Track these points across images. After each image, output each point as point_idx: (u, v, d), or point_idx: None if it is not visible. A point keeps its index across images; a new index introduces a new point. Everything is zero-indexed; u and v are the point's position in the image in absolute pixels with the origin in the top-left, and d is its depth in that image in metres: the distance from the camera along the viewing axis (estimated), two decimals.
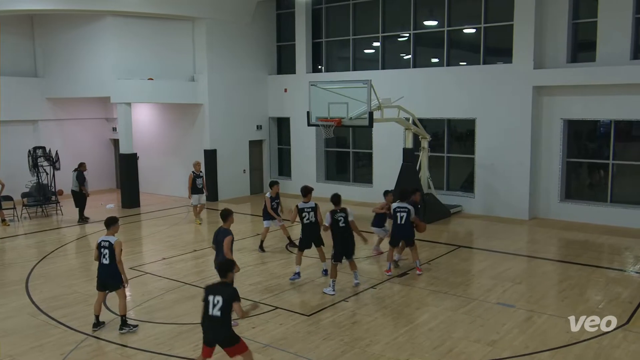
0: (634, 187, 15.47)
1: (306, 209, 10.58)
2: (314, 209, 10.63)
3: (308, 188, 10.87)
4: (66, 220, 16.86)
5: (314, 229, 10.66)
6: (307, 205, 10.62)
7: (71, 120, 21.09)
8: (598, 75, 14.71)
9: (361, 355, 7.60)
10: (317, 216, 10.63)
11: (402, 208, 11.03)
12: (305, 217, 10.58)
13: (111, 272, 8.40)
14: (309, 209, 10.59)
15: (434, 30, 18.10)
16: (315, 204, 10.64)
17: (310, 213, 10.58)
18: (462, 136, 18.14)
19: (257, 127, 21.27)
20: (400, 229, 11.05)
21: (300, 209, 10.60)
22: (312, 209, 10.62)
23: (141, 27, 18.50)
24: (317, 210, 10.65)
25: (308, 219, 10.58)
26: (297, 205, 10.71)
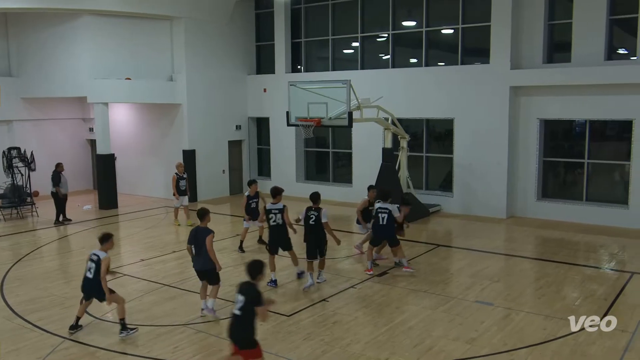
0: (609, 185, 15.76)
1: (273, 210, 10.29)
2: (281, 210, 10.27)
3: (278, 189, 10.55)
4: (42, 222, 16.61)
5: (280, 232, 10.33)
6: (274, 206, 10.32)
7: (47, 121, 20.79)
8: (573, 75, 14.94)
9: (342, 354, 7.62)
10: (284, 218, 10.26)
11: (384, 209, 11.06)
12: (272, 218, 10.27)
13: (95, 286, 8.24)
14: (276, 210, 10.27)
15: (412, 30, 18.21)
16: (283, 206, 10.30)
17: (277, 215, 10.24)
18: (440, 136, 18.29)
19: (237, 127, 21.19)
20: (381, 229, 11.07)
21: (268, 210, 10.37)
22: (279, 211, 10.27)
23: (118, 26, 18.30)
24: (285, 212, 10.28)
25: (275, 220, 10.26)
26: (264, 206, 10.63)
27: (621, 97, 14.63)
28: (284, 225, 10.29)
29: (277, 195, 10.42)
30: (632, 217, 14.73)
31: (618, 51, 15.41)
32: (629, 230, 14.44)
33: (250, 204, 12.92)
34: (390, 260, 11.62)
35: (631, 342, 7.78)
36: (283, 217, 10.22)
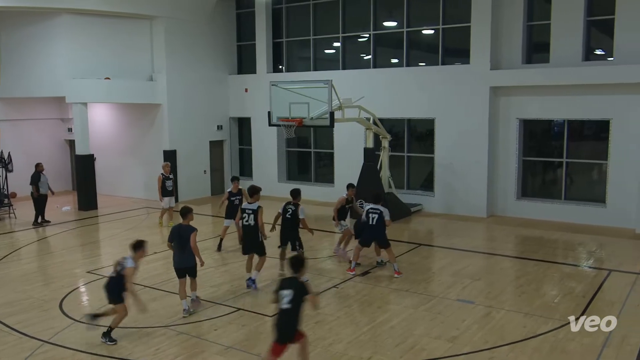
0: (587, 184, 15.99)
1: (247, 210, 9.93)
2: (255, 211, 9.85)
3: (255, 188, 10.26)
4: (20, 223, 16.36)
5: (251, 233, 9.96)
6: (249, 206, 9.98)
7: (25, 121, 20.47)
8: (552, 76, 15.13)
9: (324, 354, 7.62)
10: (257, 219, 9.84)
11: (375, 209, 11.10)
12: (245, 218, 9.93)
13: (112, 288, 8.10)
14: (250, 210, 9.90)
15: (393, 31, 18.29)
16: (257, 207, 9.88)
17: (250, 215, 9.87)
18: (421, 136, 18.39)
19: (218, 127, 21.09)
20: (371, 230, 11.08)
21: (242, 209, 10.11)
22: (252, 211, 9.88)
23: (98, 25, 18.10)
24: (258, 214, 9.83)
25: (247, 220, 9.90)
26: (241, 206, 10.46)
27: (598, 97, 14.86)
28: (256, 227, 9.90)
29: (254, 195, 10.13)
30: (609, 216, 14.96)
31: (595, 52, 15.64)
32: (606, 229, 14.66)
33: (233, 201, 12.88)
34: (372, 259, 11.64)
35: (609, 338, 7.89)
36: (256, 219, 9.83)
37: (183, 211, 9.04)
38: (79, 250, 13.61)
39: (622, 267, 11.46)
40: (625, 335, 7.96)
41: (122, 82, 18.44)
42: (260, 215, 9.82)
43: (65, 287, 10.58)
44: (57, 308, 9.46)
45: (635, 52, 14.13)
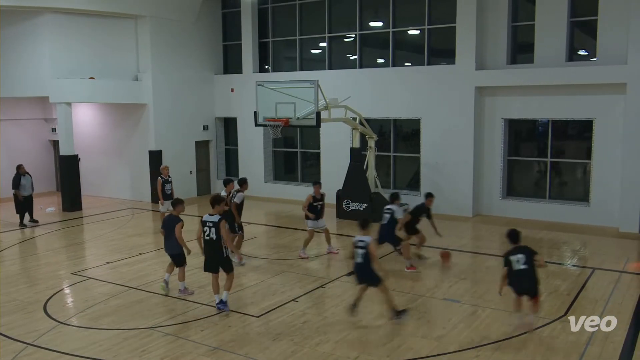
0: (571, 184, 16.15)
1: (208, 222, 8.80)
2: (216, 224, 8.70)
3: (216, 198, 9.10)
4: (3, 225, 16.16)
5: (214, 249, 8.83)
6: (210, 218, 8.82)
7: (7, 121, 20.23)
8: (536, 76, 15.25)
9: (312, 354, 7.62)
10: (219, 233, 8.72)
11: (388, 209, 11.26)
12: (206, 232, 8.81)
13: (367, 271, 8.48)
14: (210, 223, 8.77)
15: (379, 31, 18.33)
16: (219, 219, 8.77)
17: (211, 228, 8.74)
18: (407, 136, 18.46)
19: (204, 127, 21.00)
20: (382, 228, 11.25)
21: (203, 222, 8.89)
22: (213, 224, 8.74)
23: (82, 24, 17.94)
24: (220, 226, 8.69)
25: (208, 234, 8.79)
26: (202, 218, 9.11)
27: (582, 98, 15.01)
28: (218, 242, 8.75)
29: (215, 205, 8.94)
30: (593, 214, 15.12)
31: (579, 52, 15.80)
32: (590, 227, 14.82)
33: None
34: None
35: (593, 336, 7.98)
36: (218, 232, 8.72)
37: (173, 202, 9.93)
38: (63, 251, 13.48)
39: (605, 265, 11.59)
40: (609, 333, 8.04)
41: (106, 81, 18.30)
42: (222, 227, 8.74)
43: (50, 289, 10.47)
44: (41, 310, 9.37)
45: (618, 52, 14.29)
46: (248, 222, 16.01)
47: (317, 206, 12.41)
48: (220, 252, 8.82)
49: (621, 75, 14.13)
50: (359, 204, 16.11)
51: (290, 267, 11.72)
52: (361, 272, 8.58)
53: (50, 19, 17.45)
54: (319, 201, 12.42)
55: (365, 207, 15.97)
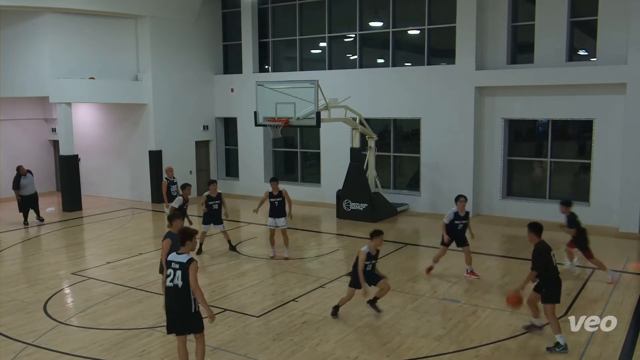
0: (570, 183, 16.15)
1: (174, 263, 6.48)
2: (185, 266, 6.39)
3: (186, 232, 6.65)
4: (3, 224, 16.16)
5: (178, 300, 6.50)
6: (177, 258, 6.51)
7: (7, 121, 20.22)
8: (536, 76, 15.25)
9: (311, 354, 7.62)
10: (188, 278, 6.38)
11: None
12: (170, 275, 6.50)
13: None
14: (176, 264, 6.45)
15: (379, 31, 18.33)
16: (189, 260, 6.42)
17: (177, 272, 6.44)
18: (407, 136, 18.46)
19: (204, 127, 21.00)
20: None
21: (168, 261, 6.64)
22: (180, 266, 6.40)
23: (82, 24, 17.93)
24: (191, 271, 6.38)
25: (172, 279, 6.47)
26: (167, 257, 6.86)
27: (582, 97, 15.01)
28: (185, 290, 6.42)
29: (186, 241, 6.57)
30: (593, 214, 15.06)
31: (579, 52, 15.80)
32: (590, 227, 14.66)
33: (212, 206, 12.49)
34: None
35: (593, 336, 7.97)
36: (186, 277, 6.38)
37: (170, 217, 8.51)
38: (63, 251, 13.48)
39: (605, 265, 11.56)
40: (609, 333, 8.03)
41: (106, 81, 18.30)
42: (192, 272, 6.39)
43: (50, 289, 10.48)
44: (41, 310, 9.37)
45: (618, 52, 14.29)
46: (248, 222, 16.06)
47: (274, 202, 12.24)
48: (188, 304, 6.49)
49: (621, 75, 14.13)
50: (359, 204, 16.11)
51: (290, 267, 11.73)
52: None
53: (50, 19, 17.44)
54: (276, 198, 12.24)
55: (365, 207, 15.97)
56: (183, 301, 6.47)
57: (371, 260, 8.64)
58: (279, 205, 12.23)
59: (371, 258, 8.64)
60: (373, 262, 8.70)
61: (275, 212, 12.25)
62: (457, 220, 10.87)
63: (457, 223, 10.86)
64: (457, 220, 10.86)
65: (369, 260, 8.60)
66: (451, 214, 10.88)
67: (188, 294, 6.43)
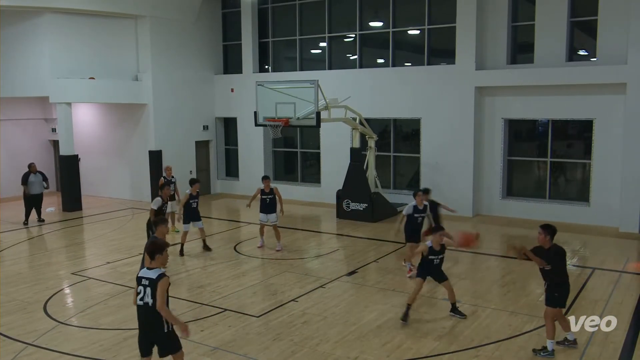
0: (570, 183, 16.16)
1: (144, 280, 6.00)
2: (154, 283, 5.90)
3: (156, 245, 6.18)
4: (4, 224, 16.16)
5: (148, 317, 6.03)
6: (147, 273, 6.02)
7: (7, 121, 20.22)
8: (536, 76, 15.25)
9: (311, 354, 7.62)
10: (156, 295, 5.89)
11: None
12: (140, 293, 6.02)
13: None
14: (146, 281, 5.97)
15: (379, 31, 18.33)
16: (159, 275, 5.94)
17: (146, 288, 5.96)
18: (407, 135, 18.46)
19: (204, 127, 21.00)
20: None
21: (138, 278, 6.12)
22: (150, 283, 5.93)
23: (82, 24, 17.93)
24: (159, 288, 5.88)
25: (142, 297, 5.99)
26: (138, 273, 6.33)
27: (582, 98, 15.01)
28: (154, 308, 5.92)
29: (156, 255, 6.07)
30: (592, 214, 15.12)
31: (579, 53, 15.80)
32: (590, 227, 14.82)
33: (192, 204, 12.69)
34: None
35: (593, 336, 7.97)
36: (155, 295, 5.90)
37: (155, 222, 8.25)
38: (63, 251, 13.48)
39: (605, 265, 11.59)
40: (609, 333, 8.03)
41: (106, 81, 18.30)
42: (161, 291, 5.89)
43: (50, 289, 10.48)
44: (41, 310, 9.37)
45: (618, 52, 14.29)
46: (248, 222, 16.04)
47: (266, 199, 12.68)
48: (159, 324, 5.98)
49: (621, 75, 14.12)
50: (359, 204, 16.11)
51: (290, 267, 11.73)
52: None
53: (50, 19, 17.44)
54: (267, 195, 12.66)
55: (365, 207, 15.97)
56: (153, 321, 5.97)
57: (437, 256, 8.83)
58: (270, 202, 12.73)
59: (436, 253, 8.82)
60: (440, 257, 8.88)
61: (267, 208, 12.73)
62: (417, 214, 11.14)
63: (416, 216, 11.13)
64: (416, 213, 11.13)
65: (434, 255, 8.80)
66: (410, 207, 11.12)
67: (157, 312, 5.91)
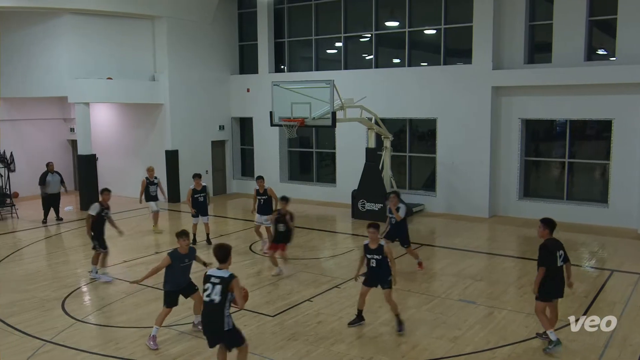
0: (589, 184, 15.97)
1: (213, 278, 6.40)
2: (226, 282, 6.33)
3: (223, 248, 6.63)
4: (22, 223, 16.38)
5: (214, 314, 6.38)
6: (217, 273, 6.46)
7: (26, 121, 20.51)
8: (554, 76, 15.10)
9: (326, 354, 7.62)
10: (225, 294, 6.34)
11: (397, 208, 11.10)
12: (207, 290, 6.39)
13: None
14: (216, 279, 6.37)
15: (395, 31, 18.27)
16: (230, 276, 6.38)
17: (215, 286, 6.35)
18: (423, 136, 18.38)
19: (220, 127, 21.10)
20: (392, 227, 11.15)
21: (207, 276, 6.50)
22: (220, 281, 6.34)
23: (100, 25, 18.12)
24: (234, 286, 6.38)
25: (209, 294, 6.36)
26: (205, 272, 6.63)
27: (601, 97, 14.83)
28: (221, 306, 6.32)
29: (228, 258, 6.57)
30: (611, 216, 14.93)
31: (597, 52, 15.61)
32: (608, 229, 14.64)
33: (197, 198, 13.35)
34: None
35: (611, 338, 7.88)
36: (225, 293, 6.30)
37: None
38: (80, 250, 13.61)
39: (624, 267, 11.44)
40: (628, 336, 7.95)
41: (124, 82, 18.46)
42: (238, 285, 6.41)
43: (68, 286, 10.60)
44: (59, 308, 9.48)
45: (638, 52, 14.09)
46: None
47: (260, 200, 12.60)
48: (221, 322, 6.36)
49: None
50: (374, 204, 16.08)
51: (305, 267, 11.73)
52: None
53: (69, 20, 17.64)
54: (262, 196, 12.58)
55: (380, 207, 15.93)
56: (216, 318, 6.36)
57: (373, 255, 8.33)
58: (265, 203, 12.63)
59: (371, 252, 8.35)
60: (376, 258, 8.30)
61: (261, 209, 12.68)
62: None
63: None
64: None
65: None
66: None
67: (222, 310, 6.33)
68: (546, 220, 7.77)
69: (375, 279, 8.34)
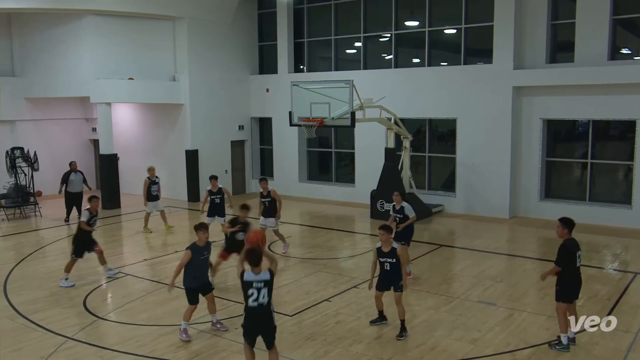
0: (612, 185, 15.73)
1: (255, 283, 6.47)
2: (269, 282, 6.54)
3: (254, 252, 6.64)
4: (45, 221, 16.64)
5: (264, 314, 6.59)
6: (257, 277, 6.50)
7: (50, 121, 20.81)
8: (576, 75, 14.91)
9: (344, 354, 7.61)
10: (271, 294, 6.62)
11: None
12: (252, 295, 6.49)
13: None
14: (260, 283, 6.48)
15: (415, 30, 18.19)
16: (271, 274, 6.59)
17: (261, 290, 6.48)
18: (443, 136, 18.27)
19: (239, 127, 21.20)
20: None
21: (247, 282, 6.51)
22: (265, 284, 6.50)
23: (121, 26, 18.32)
24: (274, 279, 6.64)
25: (256, 299, 6.50)
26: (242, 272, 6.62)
27: (624, 97, 14.60)
28: (269, 306, 6.60)
29: (260, 261, 6.57)
30: (635, 217, 14.70)
31: (621, 51, 15.37)
32: (632, 231, 14.41)
33: (214, 200, 13.43)
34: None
35: (634, 342, 7.76)
36: (271, 293, 6.61)
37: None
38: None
39: None
40: None
41: (145, 82, 18.64)
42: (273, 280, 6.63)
43: (89, 284, 10.74)
44: (81, 305, 9.61)
45: None
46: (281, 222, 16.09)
47: (265, 202, 12.48)
48: (271, 319, 6.73)
49: None
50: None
51: (324, 267, 11.74)
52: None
53: (91, 21, 17.87)
54: (265, 198, 12.46)
55: None
56: (267, 317, 6.65)
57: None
58: (269, 205, 12.52)
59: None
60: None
61: (265, 212, 12.56)
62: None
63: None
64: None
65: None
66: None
67: (270, 309, 6.66)
68: (565, 220, 7.74)
69: (387, 282, 8.28)
